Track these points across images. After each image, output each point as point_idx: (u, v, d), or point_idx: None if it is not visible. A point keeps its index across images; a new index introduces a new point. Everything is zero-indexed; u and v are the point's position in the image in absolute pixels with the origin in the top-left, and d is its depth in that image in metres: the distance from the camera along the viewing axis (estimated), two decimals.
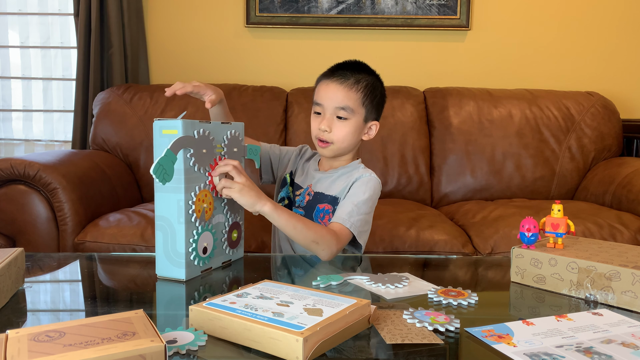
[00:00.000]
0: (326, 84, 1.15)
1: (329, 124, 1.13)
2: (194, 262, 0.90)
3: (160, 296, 0.86)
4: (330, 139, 1.14)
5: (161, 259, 0.90)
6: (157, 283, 0.90)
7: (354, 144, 1.17)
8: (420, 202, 2.07)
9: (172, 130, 0.86)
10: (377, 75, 1.19)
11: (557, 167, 2.10)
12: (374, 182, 1.14)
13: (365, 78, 1.15)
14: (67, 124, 2.43)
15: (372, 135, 1.20)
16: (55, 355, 0.48)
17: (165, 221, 0.88)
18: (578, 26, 2.37)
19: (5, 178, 1.58)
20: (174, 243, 0.88)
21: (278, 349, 0.58)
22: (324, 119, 1.14)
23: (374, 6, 2.32)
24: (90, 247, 1.55)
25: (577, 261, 0.82)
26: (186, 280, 0.89)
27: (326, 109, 1.14)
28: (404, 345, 0.63)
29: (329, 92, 1.14)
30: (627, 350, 0.61)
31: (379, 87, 1.19)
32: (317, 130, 1.15)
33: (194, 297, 0.83)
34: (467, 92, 2.19)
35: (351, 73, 1.14)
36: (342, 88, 1.13)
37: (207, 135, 0.91)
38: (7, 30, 2.42)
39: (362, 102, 1.14)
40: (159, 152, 0.87)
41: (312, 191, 1.19)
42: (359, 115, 1.14)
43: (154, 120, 0.88)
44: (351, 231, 1.06)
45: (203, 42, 2.39)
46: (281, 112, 2.15)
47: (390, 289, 0.85)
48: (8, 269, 0.77)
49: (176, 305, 0.82)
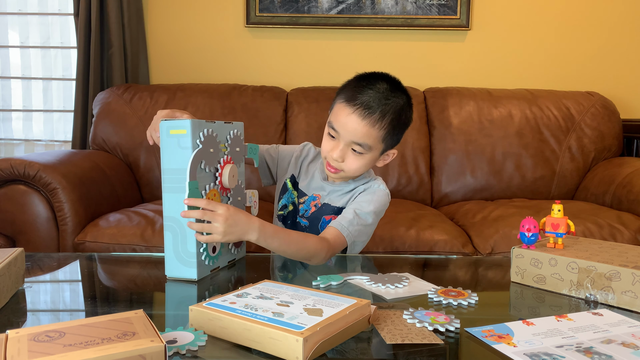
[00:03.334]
0: (347, 114, 1.01)
1: (343, 155, 1.04)
2: (205, 262, 0.90)
3: (171, 297, 0.86)
4: (341, 168, 1.06)
5: (171, 260, 0.89)
6: (167, 284, 0.89)
7: (365, 171, 1.11)
8: (420, 202, 2.07)
9: (180, 130, 0.86)
10: (408, 97, 1.07)
11: (557, 167, 2.10)
12: (381, 194, 1.09)
13: (394, 108, 1.02)
14: (67, 124, 2.43)
15: (387, 162, 1.12)
16: (55, 355, 0.48)
17: (175, 222, 0.88)
18: (578, 26, 2.37)
19: (5, 178, 1.58)
20: (185, 243, 0.88)
21: (278, 349, 0.58)
22: (337, 147, 1.04)
23: (374, 6, 2.32)
24: (90, 247, 1.55)
25: (577, 261, 0.82)
26: (198, 279, 0.89)
27: (342, 138, 1.03)
28: (404, 345, 0.63)
29: (348, 125, 1.01)
30: (627, 351, 0.61)
31: (405, 112, 1.06)
32: (328, 154, 1.05)
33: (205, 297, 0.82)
34: (467, 92, 2.19)
35: (378, 104, 1.00)
36: (364, 125, 1.00)
37: (213, 135, 0.91)
38: (7, 30, 2.42)
39: (383, 139, 1.04)
40: (166, 152, 0.88)
41: (320, 203, 1.14)
42: (377, 150, 1.06)
43: (160, 121, 0.88)
44: (346, 240, 1.03)
45: (203, 42, 2.39)
46: (281, 112, 2.15)
47: (390, 289, 0.85)
48: (8, 269, 0.77)
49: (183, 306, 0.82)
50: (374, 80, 1.04)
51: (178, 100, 2.11)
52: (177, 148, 0.87)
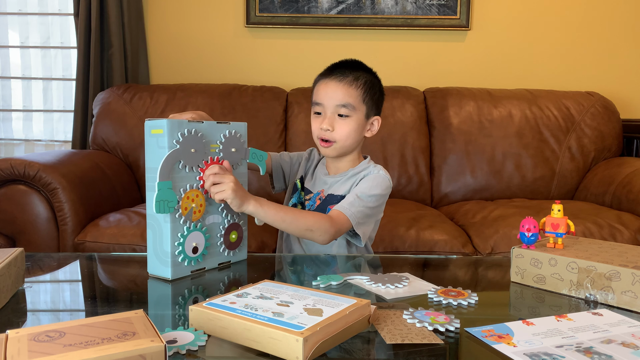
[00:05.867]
0: (325, 83, 1.14)
1: (331, 123, 1.12)
2: (182, 262, 0.90)
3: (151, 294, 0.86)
4: (333, 138, 1.12)
5: (151, 257, 0.91)
6: (149, 280, 0.90)
7: (357, 142, 1.16)
8: (420, 202, 2.07)
9: (158, 130, 0.86)
10: (374, 73, 1.19)
11: (557, 167, 2.10)
12: (382, 179, 1.12)
13: (364, 75, 1.14)
14: (67, 124, 2.43)
15: (374, 131, 1.19)
16: (55, 355, 0.48)
17: (154, 220, 0.89)
18: (578, 26, 2.37)
19: (5, 178, 1.58)
20: (161, 242, 0.88)
21: (278, 349, 0.58)
22: (325, 118, 1.12)
23: (374, 6, 2.32)
24: (90, 247, 1.55)
25: (577, 261, 0.82)
26: (172, 279, 0.89)
27: (327, 107, 1.13)
28: (404, 345, 0.63)
29: (328, 91, 1.12)
30: (627, 350, 0.61)
31: (377, 84, 1.18)
32: (319, 130, 1.13)
33: (184, 296, 0.83)
34: (467, 92, 2.19)
35: (349, 71, 1.13)
36: (341, 85, 1.12)
37: (196, 135, 0.90)
38: (7, 30, 2.42)
39: (363, 99, 1.13)
40: (150, 151, 0.88)
41: (324, 195, 1.18)
42: (360, 112, 1.13)
43: (145, 120, 0.88)
44: (350, 220, 1.05)
45: (203, 42, 2.39)
46: (281, 112, 2.15)
47: (390, 289, 0.85)
48: (8, 269, 0.77)
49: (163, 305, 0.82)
50: (342, 62, 1.18)
51: (178, 100, 2.11)
52: (156, 148, 0.87)
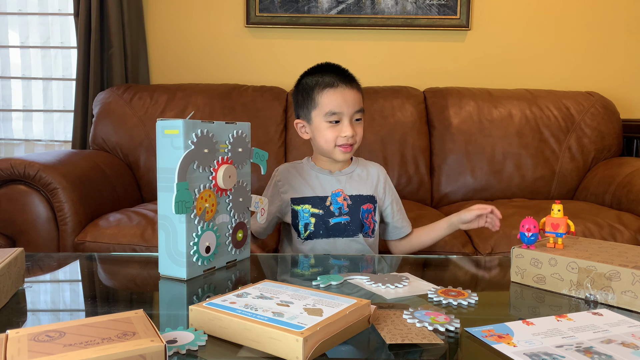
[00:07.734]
0: (341, 92, 1.16)
1: (353, 129, 1.17)
2: (196, 262, 0.90)
3: (162, 295, 0.86)
4: (355, 141, 1.19)
5: (164, 258, 0.90)
6: (160, 281, 0.90)
7: None
8: (420, 202, 2.07)
9: (173, 130, 0.87)
10: None
11: (557, 167, 2.10)
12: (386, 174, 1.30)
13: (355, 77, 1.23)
14: (67, 124, 2.43)
15: None
16: (55, 355, 0.48)
17: (167, 220, 0.89)
18: (578, 26, 2.37)
19: (5, 178, 1.57)
20: (176, 242, 0.88)
21: (278, 349, 0.58)
22: (345, 126, 1.16)
23: (374, 6, 2.32)
24: (90, 247, 1.55)
25: (577, 261, 0.82)
26: (187, 279, 0.89)
27: (346, 115, 1.17)
28: (404, 345, 0.63)
29: (347, 99, 1.16)
30: (627, 350, 0.61)
31: None
32: (341, 138, 1.17)
33: (198, 296, 0.83)
34: (467, 92, 2.19)
35: (347, 77, 1.19)
36: (354, 92, 1.18)
37: (208, 135, 0.91)
38: (7, 30, 2.42)
39: (362, 99, 1.22)
40: (161, 152, 0.88)
41: (347, 195, 1.22)
42: None
43: (157, 120, 0.88)
44: None
45: (203, 42, 2.39)
46: (281, 112, 2.15)
47: (390, 289, 0.85)
48: (8, 269, 0.77)
49: (177, 305, 0.82)
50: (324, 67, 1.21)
51: (178, 100, 2.11)
52: (170, 148, 0.87)
